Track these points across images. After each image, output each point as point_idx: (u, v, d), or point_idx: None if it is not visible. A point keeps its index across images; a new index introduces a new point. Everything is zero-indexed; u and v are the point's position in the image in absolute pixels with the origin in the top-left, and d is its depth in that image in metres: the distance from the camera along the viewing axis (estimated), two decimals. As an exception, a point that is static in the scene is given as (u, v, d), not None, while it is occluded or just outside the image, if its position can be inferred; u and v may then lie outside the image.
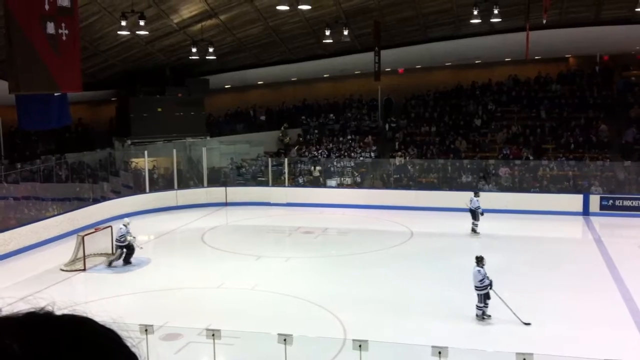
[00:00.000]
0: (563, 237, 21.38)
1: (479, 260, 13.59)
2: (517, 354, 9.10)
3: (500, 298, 13.34)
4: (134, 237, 18.13)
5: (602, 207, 24.42)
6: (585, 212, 24.41)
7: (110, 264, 17.93)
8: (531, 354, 9.02)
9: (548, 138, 29.56)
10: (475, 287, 13.40)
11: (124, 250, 17.95)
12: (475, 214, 21.57)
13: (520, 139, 29.61)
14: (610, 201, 24.48)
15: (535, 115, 30.96)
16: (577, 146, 28.62)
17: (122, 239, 17.92)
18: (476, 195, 21.97)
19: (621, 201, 24.44)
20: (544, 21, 22.91)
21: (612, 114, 30.18)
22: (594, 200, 24.55)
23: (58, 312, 1.04)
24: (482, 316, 13.35)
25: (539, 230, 20.72)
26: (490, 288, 13.32)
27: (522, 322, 12.92)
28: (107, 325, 1.08)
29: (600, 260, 18.03)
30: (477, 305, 13.42)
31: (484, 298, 13.31)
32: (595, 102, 30.96)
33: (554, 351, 11.27)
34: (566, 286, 16.07)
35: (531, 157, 27.99)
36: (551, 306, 14.53)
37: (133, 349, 1.08)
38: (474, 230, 21.62)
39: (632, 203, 24.27)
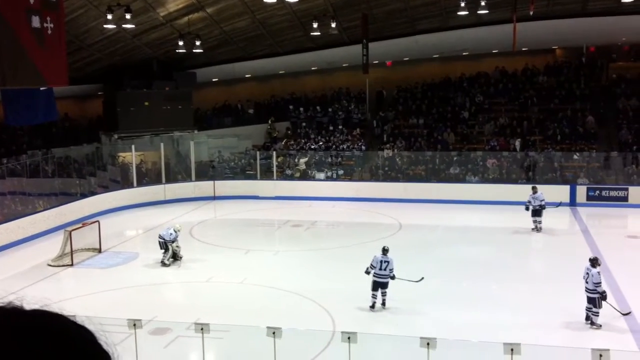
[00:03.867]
0: (550, 228, 21.49)
1: (595, 261, 12.66)
2: (505, 344, 9.15)
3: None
4: (179, 247, 17.58)
5: (588, 198, 24.63)
6: (572, 202, 24.60)
7: (163, 263, 17.36)
8: (518, 344, 9.08)
9: (535, 130, 29.69)
10: (591, 290, 12.40)
11: (169, 247, 17.34)
12: (538, 210, 20.45)
13: (508, 131, 29.73)
14: (597, 192, 24.68)
15: (522, 107, 31.08)
16: (564, 137, 28.77)
17: (171, 238, 17.27)
18: (534, 191, 20.74)
19: (607, 191, 24.65)
20: (531, 12, 23.00)
21: (598, 105, 30.35)
22: (581, 191, 24.74)
23: (28, 308, 1.03)
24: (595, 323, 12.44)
25: (526, 222, 20.79)
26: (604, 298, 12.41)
27: (622, 313, 12.70)
28: (81, 322, 1.07)
29: (588, 250, 18.15)
30: (593, 311, 12.40)
31: (599, 302, 12.34)
32: (582, 93, 31.11)
33: (541, 341, 11.36)
34: (553, 277, 16.20)
35: (518, 149, 28.12)
36: (537, 297, 14.64)
37: (106, 347, 1.07)
38: (538, 229, 20.52)
39: (618, 193, 24.48)
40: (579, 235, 20.52)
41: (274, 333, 9.82)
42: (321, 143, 31.01)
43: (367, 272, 13.91)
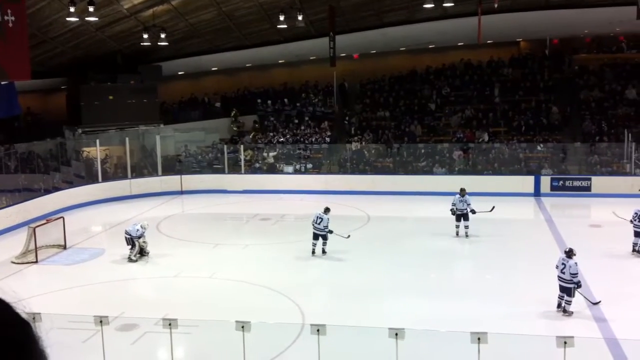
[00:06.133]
0: (515, 217, 21.82)
1: (571, 252, 12.75)
2: (472, 333, 9.27)
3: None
4: (146, 243, 17.39)
5: (552, 188, 25.05)
6: (537, 193, 25.00)
7: (130, 259, 17.16)
8: (485, 333, 9.20)
9: (500, 121, 30.06)
10: (568, 280, 12.50)
11: (136, 243, 17.15)
12: (464, 214, 18.75)
13: (474, 123, 30.05)
14: (561, 182, 25.11)
15: (488, 99, 31.43)
16: (529, 129, 29.19)
17: (137, 234, 17.04)
18: (462, 193, 19.00)
19: (571, 182, 25.09)
20: (496, 5, 23.26)
21: (562, 96, 30.85)
22: (545, 182, 25.15)
23: None
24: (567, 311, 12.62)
25: (492, 212, 21.05)
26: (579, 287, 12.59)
27: (592, 302, 12.83)
28: (26, 319, 1.05)
29: (552, 239, 18.49)
30: (566, 300, 12.56)
31: (573, 292, 12.51)
32: (546, 85, 31.59)
33: (508, 330, 11.54)
34: (518, 266, 16.45)
35: (484, 140, 28.45)
36: (503, 285, 14.86)
37: (25, 316, 1.05)
38: (467, 234, 18.89)
39: (581, 183, 24.94)
40: (543, 224, 20.87)
41: (242, 327, 9.79)
42: (289, 136, 30.96)
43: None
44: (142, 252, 17.32)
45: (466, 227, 18.74)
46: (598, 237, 19.12)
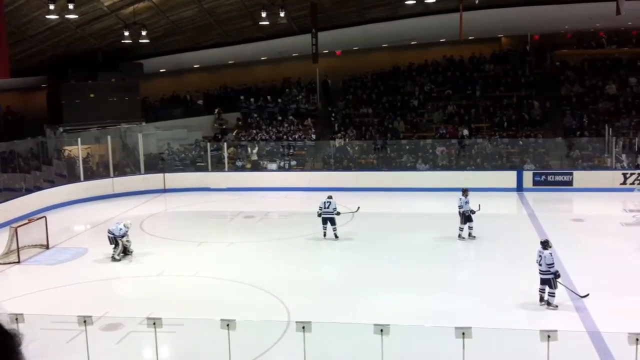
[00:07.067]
0: (498, 212, 21.94)
1: (546, 243, 12.94)
2: (457, 328, 9.32)
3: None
4: (130, 242, 17.25)
5: (535, 183, 25.27)
6: (519, 188, 25.19)
7: (114, 258, 17.02)
8: (469, 328, 9.26)
9: (482, 117, 30.22)
10: (545, 271, 12.69)
11: (119, 242, 17.01)
12: (466, 215, 18.22)
13: (456, 119, 30.17)
14: (543, 177, 25.32)
15: (470, 95, 31.58)
16: (510, 124, 29.37)
17: (120, 233, 16.92)
18: (464, 194, 18.33)
19: (553, 176, 25.32)
20: (477, 1, 23.36)
21: (543, 92, 31.08)
22: (527, 177, 25.37)
23: None
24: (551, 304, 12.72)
25: (475, 207, 21.17)
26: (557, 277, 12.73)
27: (580, 295, 12.93)
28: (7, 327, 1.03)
29: (535, 234, 18.63)
30: (549, 292, 12.69)
31: (554, 282, 12.64)
32: (527, 80, 31.80)
33: (492, 323, 11.63)
34: (501, 260, 16.57)
35: (466, 136, 28.60)
36: (490, 280, 14.96)
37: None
38: (467, 235, 18.24)
39: (563, 178, 25.17)
40: (526, 219, 21.02)
41: (228, 325, 9.76)
42: (272, 134, 30.90)
43: (319, 215, 18.37)
44: (126, 251, 17.21)
45: (470, 227, 18.22)
46: (580, 231, 19.31)
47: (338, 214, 18.32)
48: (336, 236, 18.40)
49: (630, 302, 13.09)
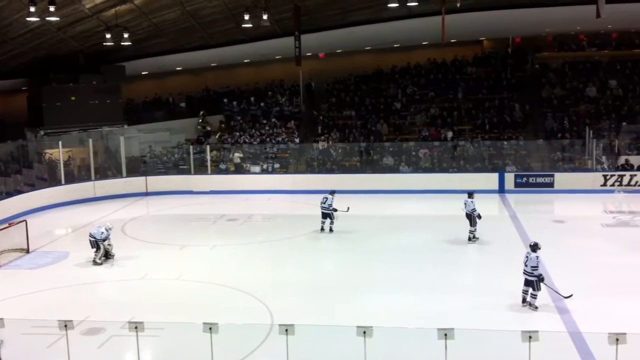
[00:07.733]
0: (480, 214, 22.02)
1: (535, 246, 13.04)
2: (439, 329, 9.34)
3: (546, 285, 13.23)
4: (111, 245, 17.13)
5: (516, 185, 25.47)
6: (501, 189, 25.37)
7: (95, 262, 16.89)
8: (452, 329, 9.28)
9: (465, 119, 30.38)
10: (529, 273, 12.80)
11: (101, 246, 16.88)
12: (472, 218, 18.16)
13: (439, 121, 30.31)
14: (524, 179, 25.51)
15: (452, 98, 31.75)
16: (492, 126, 29.56)
17: (102, 237, 16.79)
18: (470, 196, 18.41)
19: (534, 178, 25.52)
20: (459, 4, 23.48)
21: (525, 94, 31.32)
22: (509, 178, 25.55)
23: None
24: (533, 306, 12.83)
25: (457, 209, 21.28)
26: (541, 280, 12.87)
27: (563, 296, 13.01)
28: None
29: (517, 235, 18.76)
30: (532, 294, 12.82)
31: (537, 285, 12.76)
32: (509, 83, 32.04)
33: (474, 323, 11.67)
34: (485, 261, 16.66)
35: (449, 138, 28.74)
36: (470, 280, 15.03)
37: None
38: (471, 238, 18.20)
39: (544, 180, 25.38)
40: (507, 220, 21.16)
41: (210, 329, 9.71)
42: (256, 136, 30.83)
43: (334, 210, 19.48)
44: (107, 255, 17.08)
45: (471, 231, 18.23)
46: (561, 232, 19.46)
47: (334, 210, 19.30)
48: (331, 230, 19.50)
49: (611, 302, 13.21)
